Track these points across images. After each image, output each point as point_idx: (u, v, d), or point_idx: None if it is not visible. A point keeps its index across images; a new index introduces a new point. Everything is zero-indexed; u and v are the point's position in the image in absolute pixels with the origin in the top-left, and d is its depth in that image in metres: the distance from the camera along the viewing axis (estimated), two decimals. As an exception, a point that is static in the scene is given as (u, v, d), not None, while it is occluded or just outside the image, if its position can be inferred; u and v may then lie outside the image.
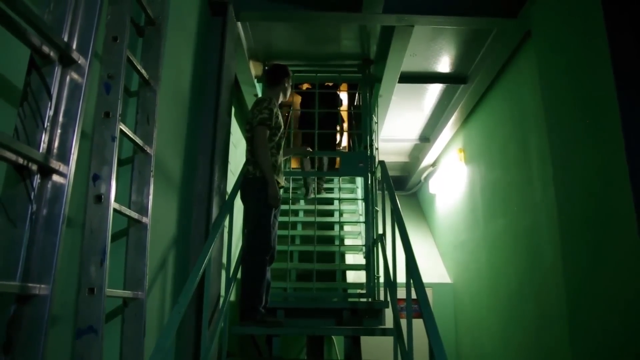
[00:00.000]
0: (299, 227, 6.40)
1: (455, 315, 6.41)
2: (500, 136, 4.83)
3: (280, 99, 3.90)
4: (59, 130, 1.40)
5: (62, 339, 1.70)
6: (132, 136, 2.09)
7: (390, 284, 3.55)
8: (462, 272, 6.15)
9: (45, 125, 1.36)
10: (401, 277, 3.55)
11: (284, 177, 3.87)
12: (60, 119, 1.41)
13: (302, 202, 6.99)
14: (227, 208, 3.22)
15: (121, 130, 1.96)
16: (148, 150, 2.25)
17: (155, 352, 1.97)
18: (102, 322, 1.71)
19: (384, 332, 3.55)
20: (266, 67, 5.05)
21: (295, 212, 6.63)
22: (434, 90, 5.83)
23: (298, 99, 7.04)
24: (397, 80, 4.94)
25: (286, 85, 3.87)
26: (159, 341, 2.04)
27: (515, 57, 4.37)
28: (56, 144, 1.39)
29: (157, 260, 2.57)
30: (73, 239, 1.77)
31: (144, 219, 2.19)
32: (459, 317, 6.33)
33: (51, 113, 1.38)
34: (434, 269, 6.91)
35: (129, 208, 2.14)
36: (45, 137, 1.36)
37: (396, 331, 3.06)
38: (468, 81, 5.28)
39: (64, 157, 1.39)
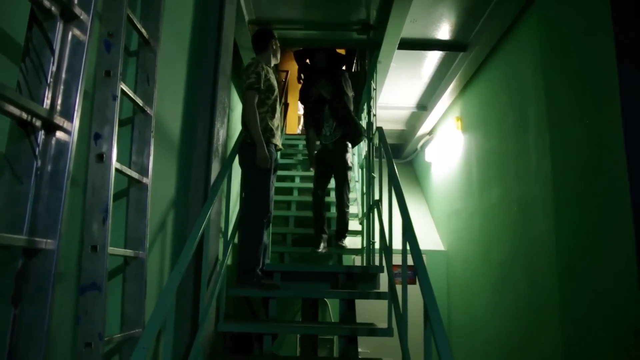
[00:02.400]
0: (295, 192, 6.46)
1: (447, 282, 6.53)
2: (498, 105, 4.82)
3: (273, 62, 3.89)
4: (62, 87, 1.40)
5: (65, 295, 1.73)
6: (132, 96, 2.08)
7: (386, 248, 3.60)
8: (455, 240, 6.23)
9: (49, 81, 1.35)
10: (396, 244, 3.61)
11: (281, 140, 3.89)
12: (63, 75, 1.40)
13: (299, 167, 7.03)
14: (225, 171, 3.24)
15: (122, 90, 1.95)
16: (148, 111, 2.24)
17: (157, 310, 2.01)
18: (105, 279, 1.74)
19: (379, 296, 3.62)
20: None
21: (292, 178, 6.67)
22: (433, 57, 5.78)
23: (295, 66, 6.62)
24: (397, 46, 4.89)
25: (274, 47, 3.85)
26: (160, 300, 2.08)
27: (516, 25, 4.33)
28: (59, 100, 1.39)
29: (156, 221, 2.59)
30: (74, 197, 1.78)
31: (145, 180, 2.20)
32: (451, 283, 6.44)
33: (54, 69, 1.37)
34: (428, 237, 6.99)
35: (129, 168, 2.14)
36: (48, 93, 1.36)
37: (391, 294, 3.12)
38: (467, 49, 5.23)
39: (67, 114, 1.39)
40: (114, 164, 1.84)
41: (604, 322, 2.81)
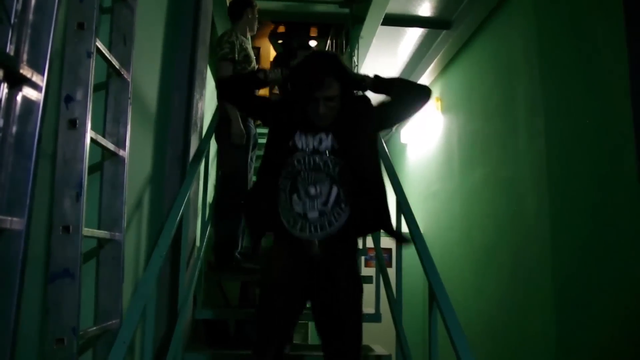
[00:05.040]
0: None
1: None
2: (482, 85, 4.69)
3: (249, 33, 3.64)
4: (29, 31, 1.13)
5: (30, 284, 1.48)
6: (108, 56, 1.82)
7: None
8: (432, 223, 6.13)
9: (12, 21, 1.09)
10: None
11: None
12: (31, 16, 1.14)
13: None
14: (203, 147, 2.99)
15: (96, 48, 1.69)
16: (125, 75, 1.98)
17: (137, 299, 1.78)
18: (80, 265, 1.50)
19: (364, 280, 3.47)
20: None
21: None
22: (413, 35, 5.59)
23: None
24: (381, 21, 4.69)
25: (250, 16, 3.61)
26: (139, 287, 1.85)
27: (507, 2, 4.17)
28: (26, 47, 1.13)
29: (131, 199, 2.33)
30: (41, 169, 1.52)
31: (121, 152, 1.94)
32: (426, 266, 6.37)
33: (19, 7, 1.11)
34: (403, 220, 6.88)
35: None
36: (12, 37, 1.10)
37: (383, 278, 2.98)
38: (452, 27, 5.07)
39: (36, 65, 1.13)
40: (89, 132, 1.59)
41: (602, 307, 2.73)
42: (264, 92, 7.78)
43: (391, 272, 3.01)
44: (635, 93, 2.46)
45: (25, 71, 1.09)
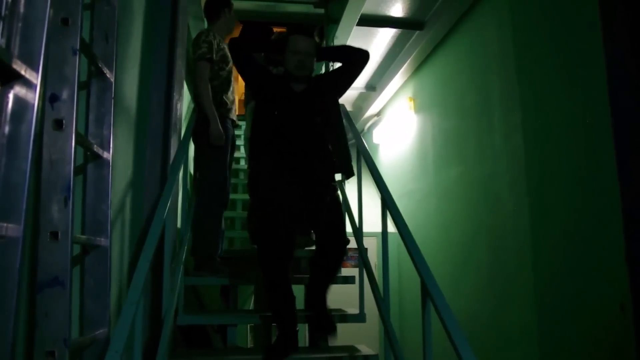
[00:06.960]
0: (242, 175, 6.18)
1: (399, 264, 6.49)
2: (457, 84, 4.74)
3: (226, 33, 3.59)
4: (19, 24, 1.06)
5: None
6: (92, 54, 1.74)
7: (356, 229, 3.44)
8: (408, 221, 6.15)
9: (3, 14, 1.02)
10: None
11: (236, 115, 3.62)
12: (22, 9, 1.07)
13: (242, 149, 6.68)
14: (183, 149, 2.92)
15: (80, 45, 1.61)
16: (107, 74, 1.90)
17: (128, 306, 1.71)
18: (70, 273, 1.42)
19: (346, 280, 3.46)
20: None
21: (237, 160, 6.34)
22: (385, 36, 5.60)
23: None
24: (357, 21, 4.68)
25: (227, 16, 3.56)
26: (129, 294, 1.77)
27: (480, 2, 4.23)
28: (17, 41, 1.06)
29: (114, 203, 2.25)
30: (26, 173, 1.44)
31: (105, 154, 1.86)
32: (402, 265, 6.41)
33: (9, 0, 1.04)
34: (377, 219, 6.89)
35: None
36: (3, 31, 1.02)
37: (369, 278, 2.98)
38: (425, 27, 5.10)
39: (29, 60, 1.06)
40: (75, 132, 1.51)
41: (583, 298, 2.78)
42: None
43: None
44: (612, 88, 2.51)
45: (18, 66, 1.02)
